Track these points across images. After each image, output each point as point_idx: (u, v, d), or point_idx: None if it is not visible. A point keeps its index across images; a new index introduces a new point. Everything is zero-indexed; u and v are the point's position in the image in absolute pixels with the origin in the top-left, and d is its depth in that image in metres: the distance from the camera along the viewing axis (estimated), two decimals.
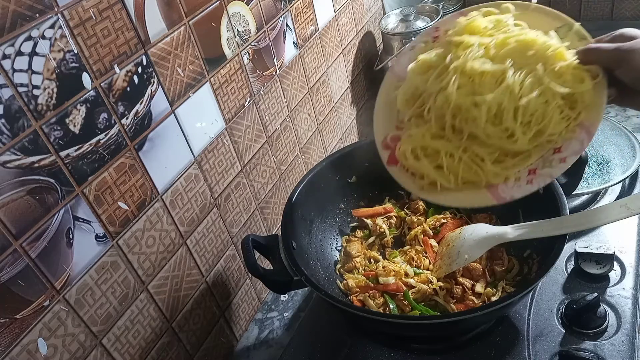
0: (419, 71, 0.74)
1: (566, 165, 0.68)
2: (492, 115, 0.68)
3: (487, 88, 0.68)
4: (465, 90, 0.69)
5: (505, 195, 0.71)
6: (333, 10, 1.21)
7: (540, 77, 0.67)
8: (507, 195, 0.71)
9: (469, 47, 0.69)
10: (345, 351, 0.87)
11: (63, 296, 0.64)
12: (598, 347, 0.78)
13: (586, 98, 0.67)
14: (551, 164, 0.69)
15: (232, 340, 0.99)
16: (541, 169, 0.69)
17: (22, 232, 0.59)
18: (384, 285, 0.89)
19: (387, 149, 0.79)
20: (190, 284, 0.86)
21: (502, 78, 0.67)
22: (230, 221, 0.95)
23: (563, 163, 0.68)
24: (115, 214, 0.70)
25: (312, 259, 0.94)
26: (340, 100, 1.31)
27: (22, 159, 0.58)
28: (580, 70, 0.67)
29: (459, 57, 0.69)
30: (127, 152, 0.72)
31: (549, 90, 0.67)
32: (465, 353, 0.83)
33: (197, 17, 0.80)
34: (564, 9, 0.75)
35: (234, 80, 0.91)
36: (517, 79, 0.67)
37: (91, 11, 0.64)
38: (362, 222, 1.03)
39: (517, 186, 0.70)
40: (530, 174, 0.70)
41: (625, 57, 0.65)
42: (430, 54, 0.73)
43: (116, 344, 0.73)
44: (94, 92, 0.65)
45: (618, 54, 0.65)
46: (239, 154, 0.95)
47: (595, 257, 0.87)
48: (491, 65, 0.68)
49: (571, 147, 0.68)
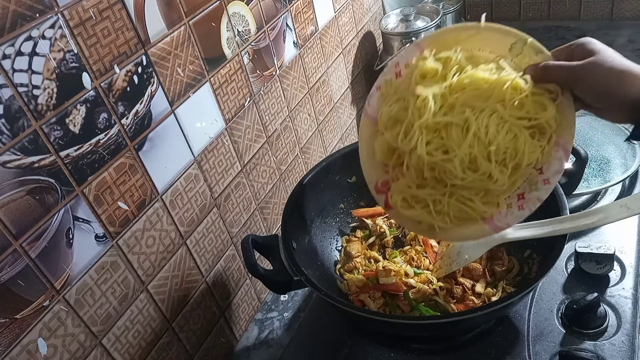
0: (387, 126, 0.75)
1: (551, 186, 0.70)
2: (466, 165, 0.69)
3: (455, 139, 0.69)
4: (435, 145, 0.70)
5: (501, 225, 0.73)
6: (333, 10, 1.21)
7: (502, 115, 0.68)
8: (504, 224, 0.73)
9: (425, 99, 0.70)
10: (345, 351, 0.87)
11: (63, 296, 0.64)
12: (598, 347, 0.78)
13: (552, 122, 0.69)
14: (537, 186, 0.71)
15: (232, 340, 0.99)
16: (529, 193, 0.71)
17: (22, 232, 0.59)
18: (384, 285, 0.89)
19: (381, 193, 0.80)
20: (190, 284, 0.86)
21: (467, 125, 0.69)
22: (230, 221, 0.95)
23: (548, 184, 0.70)
24: (115, 214, 0.70)
25: (312, 259, 0.94)
26: (340, 100, 1.31)
27: (22, 159, 0.58)
28: (540, 96, 0.68)
29: (419, 109, 0.70)
30: (127, 152, 0.71)
31: (514, 126, 0.68)
32: (465, 353, 0.83)
33: (197, 17, 0.80)
34: (564, 9, 0.76)
35: (234, 80, 0.91)
36: (482, 123, 0.68)
37: (91, 11, 0.64)
38: (362, 222, 1.03)
39: (510, 214, 0.72)
40: (520, 199, 0.72)
41: (579, 77, 0.65)
42: (392, 107, 0.74)
43: (116, 344, 0.73)
44: (94, 92, 0.65)
45: (573, 73, 0.65)
46: (239, 154, 0.95)
47: (595, 257, 0.87)
48: (453, 117, 0.69)
49: (552, 167, 0.70)
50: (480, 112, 0.68)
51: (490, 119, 0.68)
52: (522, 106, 0.68)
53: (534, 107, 0.68)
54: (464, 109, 0.69)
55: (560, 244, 0.76)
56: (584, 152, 0.88)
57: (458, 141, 0.69)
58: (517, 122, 0.68)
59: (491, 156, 0.68)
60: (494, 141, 0.68)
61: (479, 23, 0.72)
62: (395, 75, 0.77)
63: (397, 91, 0.75)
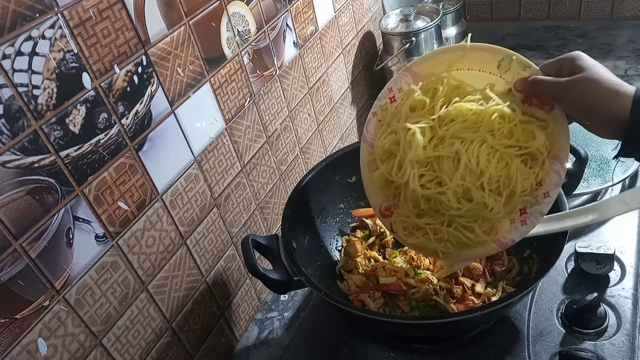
0: (382, 159, 0.77)
1: (551, 199, 0.71)
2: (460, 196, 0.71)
3: (447, 172, 0.70)
4: (428, 177, 0.72)
5: (506, 241, 0.75)
6: (333, 10, 1.21)
7: (492, 145, 0.69)
8: (508, 240, 0.75)
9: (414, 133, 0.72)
10: (345, 351, 0.87)
11: (63, 296, 0.64)
12: (598, 347, 0.78)
13: (543, 149, 0.70)
14: (537, 200, 0.72)
15: (232, 340, 0.99)
16: (530, 207, 0.73)
17: (22, 232, 0.59)
18: (384, 285, 0.89)
19: (386, 217, 0.82)
20: (190, 284, 0.86)
21: (458, 157, 0.70)
22: (230, 221, 0.95)
23: (548, 197, 0.72)
24: (115, 214, 0.70)
25: (312, 259, 0.94)
26: (340, 100, 1.31)
27: (22, 159, 0.58)
28: (529, 124, 0.70)
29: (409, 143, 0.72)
30: (127, 152, 0.71)
31: (505, 155, 0.70)
32: (465, 353, 0.83)
33: (197, 17, 0.80)
34: (564, 9, 0.76)
35: (234, 80, 0.91)
36: (472, 154, 0.70)
37: (91, 11, 0.64)
38: (362, 222, 1.03)
39: (515, 229, 0.74)
40: (522, 214, 0.74)
41: (566, 93, 0.65)
42: (384, 141, 0.76)
43: (116, 344, 0.73)
44: (93, 92, 0.65)
45: (560, 88, 0.66)
46: (239, 154, 0.95)
47: (595, 257, 0.87)
48: (443, 151, 0.70)
49: (551, 180, 0.71)
50: (470, 142, 0.70)
51: (481, 149, 0.70)
52: (511, 135, 0.70)
53: (524, 135, 0.70)
54: (454, 141, 0.70)
55: (560, 244, 0.76)
56: (584, 152, 0.88)
57: (450, 173, 0.71)
58: (508, 151, 0.70)
59: (484, 185, 0.70)
60: (486, 171, 0.70)
61: (465, 44, 0.74)
62: (390, 101, 0.79)
63: (389, 124, 0.77)
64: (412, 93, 0.75)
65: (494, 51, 0.72)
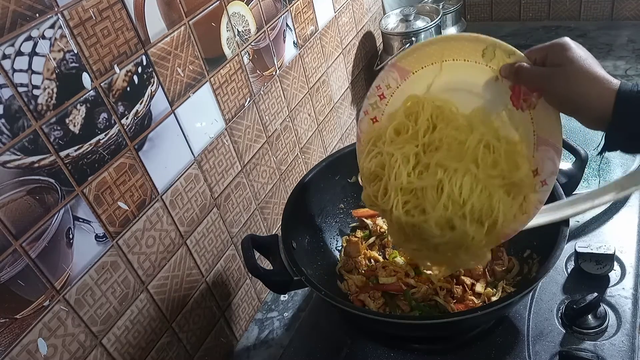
0: (368, 180, 0.78)
1: (549, 187, 0.72)
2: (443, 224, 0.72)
3: (430, 200, 0.71)
4: (412, 204, 0.73)
5: (509, 232, 0.75)
6: (333, 10, 1.21)
7: (476, 175, 0.70)
8: (511, 231, 0.75)
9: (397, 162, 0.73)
10: (346, 351, 0.87)
11: (63, 296, 0.64)
12: (598, 347, 0.78)
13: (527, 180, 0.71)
14: (535, 188, 0.72)
15: (232, 340, 0.99)
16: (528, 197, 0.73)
17: (22, 232, 0.59)
18: (384, 285, 0.89)
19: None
20: (190, 284, 0.86)
21: (441, 185, 0.71)
22: (230, 221, 0.95)
23: (545, 186, 0.72)
24: (115, 214, 0.70)
25: (312, 259, 0.94)
26: (340, 100, 1.31)
27: (22, 159, 0.58)
28: (514, 154, 0.70)
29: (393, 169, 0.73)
30: (127, 152, 0.71)
31: (488, 185, 0.70)
32: (465, 353, 0.83)
33: (197, 17, 0.80)
34: (564, 9, 0.76)
35: (234, 80, 0.91)
36: (455, 183, 0.70)
37: (91, 11, 0.64)
38: (362, 222, 1.03)
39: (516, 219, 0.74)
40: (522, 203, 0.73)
41: (549, 82, 0.64)
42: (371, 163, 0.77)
43: (116, 344, 0.73)
44: (94, 92, 0.65)
45: (543, 78, 0.65)
46: (239, 154, 0.95)
47: (595, 257, 0.87)
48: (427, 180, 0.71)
49: (546, 169, 0.71)
50: (454, 172, 0.71)
51: (464, 179, 0.71)
52: (495, 165, 0.71)
53: (508, 165, 0.70)
54: (437, 170, 0.71)
55: (560, 243, 0.76)
56: (584, 152, 0.88)
57: (433, 202, 0.72)
58: (491, 182, 0.71)
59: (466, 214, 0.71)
60: (468, 201, 0.71)
61: (446, 35, 0.74)
62: (380, 98, 0.79)
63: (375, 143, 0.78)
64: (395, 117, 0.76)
65: (476, 40, 0.72)
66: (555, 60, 0.64)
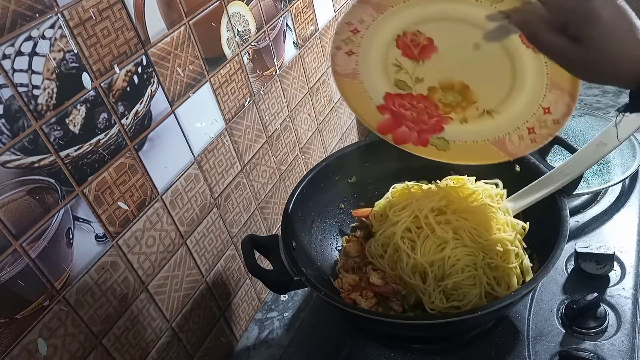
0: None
1: (561, 126, 0.69)
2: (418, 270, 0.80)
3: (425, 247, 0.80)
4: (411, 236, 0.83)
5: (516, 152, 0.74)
6: (333, 10, 1.21)
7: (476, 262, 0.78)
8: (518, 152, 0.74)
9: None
10: (346, 351, 0.87)
11: (63, 296, 0.64)
12: (598, 347, 0.78)
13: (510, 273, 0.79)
14: (546, 124, 0.71)
15: (232, 340, 0.99)
16: (539, 129, 0.71)
17: (22, 232, 0.59)
18: (376, 287, 0.89)
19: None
20: (190, 284, 0.86)
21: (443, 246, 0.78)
22: (230, 221, 0.95)
23: (558, 125, 0.70)
24: (115, 214, 0.70)
25: (312, 259, 0.94)
26: (340, 100, 1.31)
27: (22, 159, 0.58)
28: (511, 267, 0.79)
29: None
30: (127, 152, 0.71)
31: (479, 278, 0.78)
32: (465, 353, 0.83)
33: (197, 17, 0.80)
34: None
35: (234, 80, 0.91)
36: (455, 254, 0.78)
37: (91, 11, 0.64)
38: (362, 222, 1.03)
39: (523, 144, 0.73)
40: (531, 133, 0.72)
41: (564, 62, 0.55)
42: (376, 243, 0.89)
43: (116, 344, 0.73)
44: (94, 92, 0.65)
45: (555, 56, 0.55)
46: (239, 154, 0.95)
47: (595, 257, 0.87)
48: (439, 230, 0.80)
49: (559, 110, 0.69)
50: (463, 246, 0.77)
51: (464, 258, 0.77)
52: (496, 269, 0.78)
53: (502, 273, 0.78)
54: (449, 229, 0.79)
55: (560, 243, 0.76)
56: None
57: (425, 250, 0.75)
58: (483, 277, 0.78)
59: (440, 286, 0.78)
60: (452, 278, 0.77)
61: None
62: (353, 32, 0.72)
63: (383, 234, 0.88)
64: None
65: None
66: (575, 32, 0.51)
